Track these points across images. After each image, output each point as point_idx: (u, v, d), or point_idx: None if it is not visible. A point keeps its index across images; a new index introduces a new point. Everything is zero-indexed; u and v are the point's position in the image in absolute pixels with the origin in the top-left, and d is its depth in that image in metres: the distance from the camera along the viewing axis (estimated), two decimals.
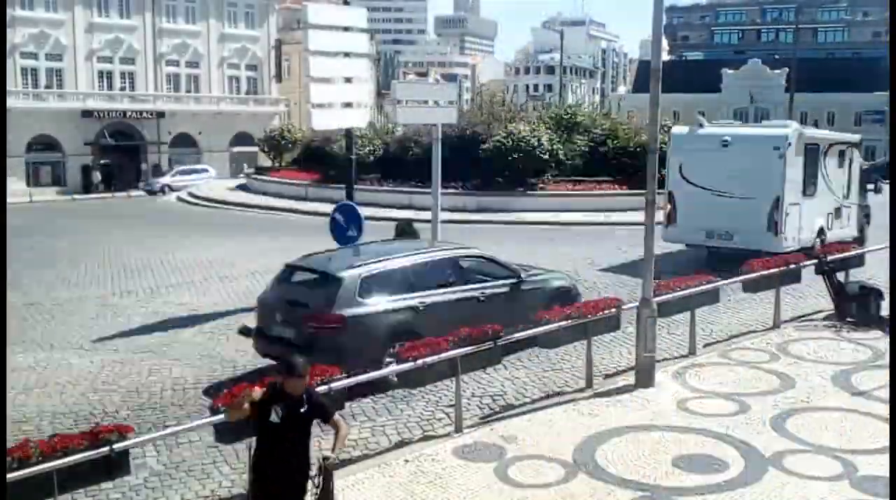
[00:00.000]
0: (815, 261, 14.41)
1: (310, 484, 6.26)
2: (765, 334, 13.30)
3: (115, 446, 6.91)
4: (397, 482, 8.14)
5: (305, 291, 11.26)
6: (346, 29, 16.42)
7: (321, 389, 7.96)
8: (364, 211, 16.33)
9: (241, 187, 41.20)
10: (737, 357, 12.06)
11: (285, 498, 6.20)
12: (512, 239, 23.60)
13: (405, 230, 17.26)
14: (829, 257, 14.47)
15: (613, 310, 11.25)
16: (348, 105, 16.71)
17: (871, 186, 22.78)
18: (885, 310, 13.49)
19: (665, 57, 75.33)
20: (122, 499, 8.04)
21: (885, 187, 23.41)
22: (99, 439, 6.88)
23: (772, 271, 13.83)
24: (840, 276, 14.50)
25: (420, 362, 9.16)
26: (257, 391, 6.22)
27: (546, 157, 30.41)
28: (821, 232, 18.83)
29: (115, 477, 7.46)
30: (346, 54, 16.44)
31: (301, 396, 6.17)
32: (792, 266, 14.19)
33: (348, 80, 16.59)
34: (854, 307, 13.80)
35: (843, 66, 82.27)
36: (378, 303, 10.70)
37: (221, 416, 7.71)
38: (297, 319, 10.52)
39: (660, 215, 15.00)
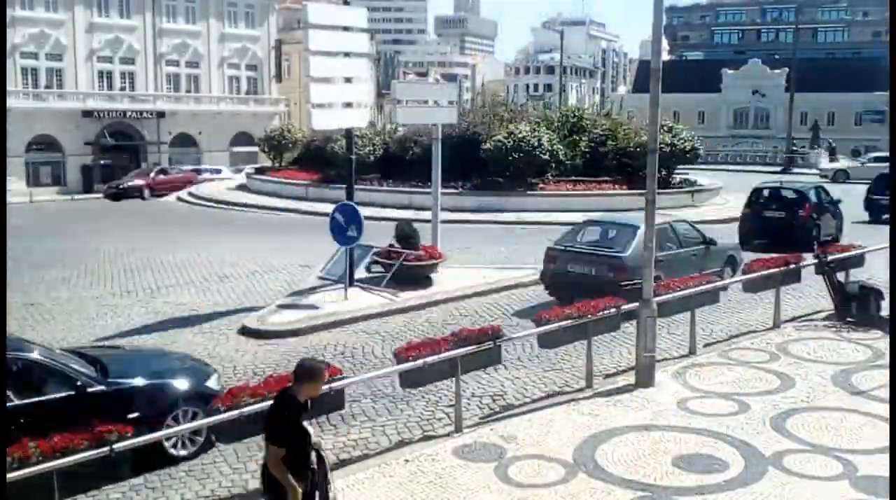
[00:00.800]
0: (816, 261, 14.43)
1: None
2: (765, 334, 13.29)
3: (115, 446, 6.92)
4: (397, 482, 8.14)
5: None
6: (346, 29, 16.45)
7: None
8: (364, 211, 16.36)
9: (241, 187, 41.18)
10: (737, 357, 12.05)
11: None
12: (512, 239, 23.61)
13: (405, 230, 17.27)
14: (830, 257, 14.47)
15: (613, 310, 11.26)
16: (348, 105, 16.74)
17: None
18: (885, 310, 13.49)
19: (665, 57, 75.25)
20: (122, 499, 8.05)
21: None
22: (99, 439, 6.90)
23: (772, 270, 13.83)
24: (840, 276, 14.51)
25: (420, 362, 9.17)
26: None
27: (546, 157, 30.38)
28: None
29: (115, 477, 7.47)
30: (346, 54, 16.48)
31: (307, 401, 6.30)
32: (792, 266, 14.20)
33: (348, 80, 16.62)
34: (854, 307, 13.79)
35: (843, 66, 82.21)
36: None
37: (221, 416, 7.72)
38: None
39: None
